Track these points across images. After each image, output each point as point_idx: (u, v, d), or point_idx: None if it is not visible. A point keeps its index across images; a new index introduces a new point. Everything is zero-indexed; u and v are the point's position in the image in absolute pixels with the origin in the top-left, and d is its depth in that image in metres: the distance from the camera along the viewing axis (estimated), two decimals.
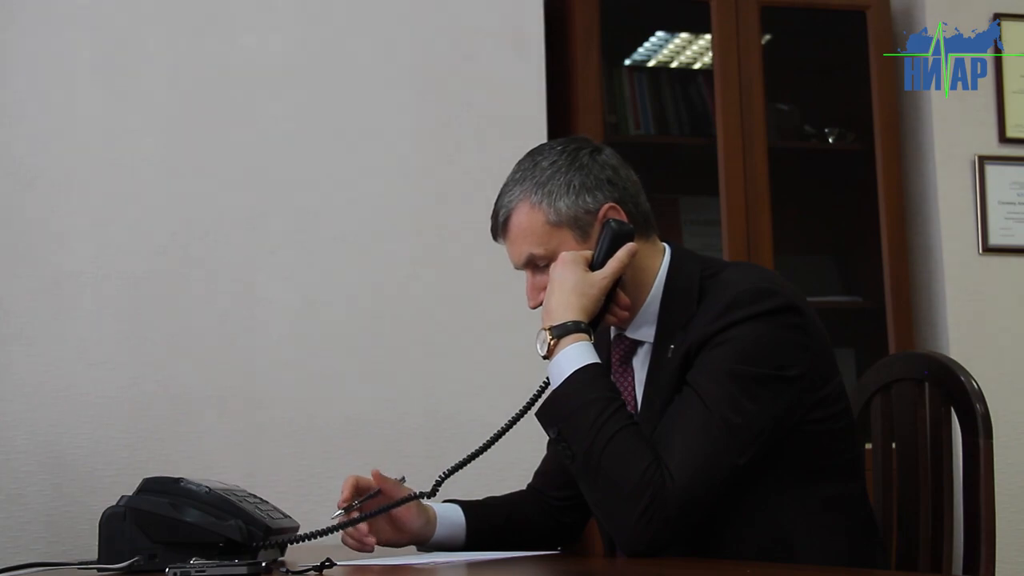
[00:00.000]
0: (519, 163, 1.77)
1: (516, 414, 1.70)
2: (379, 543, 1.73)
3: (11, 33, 2.67)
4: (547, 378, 1.66)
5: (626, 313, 1.73)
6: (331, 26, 2.86)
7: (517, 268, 1.77)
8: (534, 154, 1.77)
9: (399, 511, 1.74)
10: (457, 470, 1.68)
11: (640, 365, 1.75)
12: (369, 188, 2.83)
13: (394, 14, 2.90)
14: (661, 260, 1.76)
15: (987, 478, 1.74)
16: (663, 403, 1.64)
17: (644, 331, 1.74)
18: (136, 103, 2.72)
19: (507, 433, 1.70)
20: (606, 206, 1.71)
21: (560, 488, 1.88)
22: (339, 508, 1.69)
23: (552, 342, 1.63)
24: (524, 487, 1.96)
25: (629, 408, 1.64)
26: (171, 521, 1.50)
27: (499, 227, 1.76)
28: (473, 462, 1.69)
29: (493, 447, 1.69)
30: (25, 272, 2.61)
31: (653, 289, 1.74)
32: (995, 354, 3.15)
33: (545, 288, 1.70)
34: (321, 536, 1.61)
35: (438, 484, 1.69)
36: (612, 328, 1.79)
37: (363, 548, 1.71)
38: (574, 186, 1.71)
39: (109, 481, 2.55)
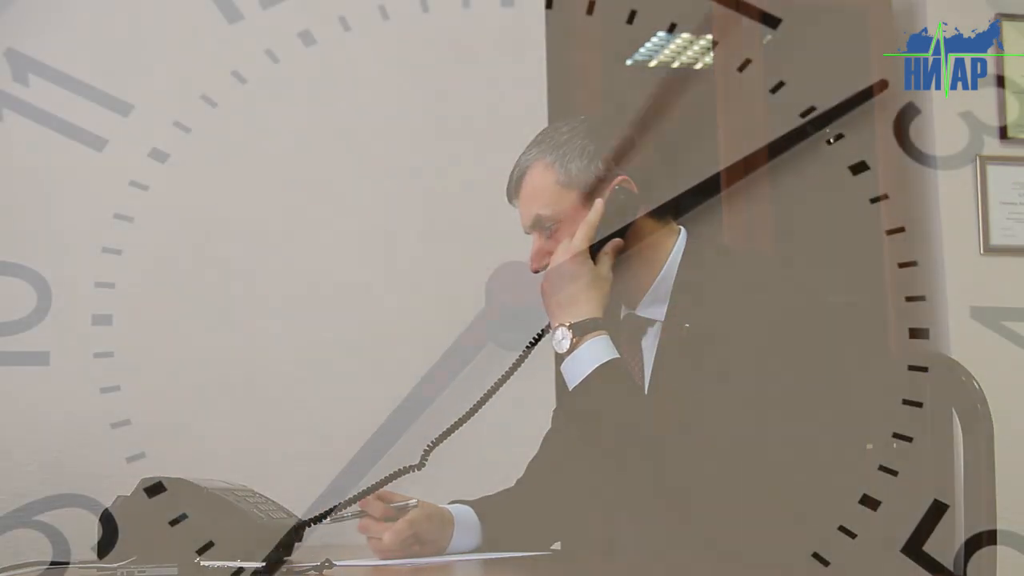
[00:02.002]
0: (542, 130, 1.79)
1: (502, 375, 1.70)
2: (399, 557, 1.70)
3: (12, 33, 2.67)
4: (538, 334, 1.67)
5: None
6: (331, 26, 2.86)
7: (526, 231, 1.77)
8: (557, 121, 1.80)
9: (419, 530, 1.72)
10: (445, 438, 1.70)
11: (648, 344, 1.75)
12: (368, 188, 2.83)
13: (393, 13, 2.90)
14: (675, 240, 1.76)
15: (987, 478, 1.74)
16: (678, 381, 1.64)
17: (654, 310, 1.74)
18: (136, 103, 2.71)
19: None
20: (620, 177, 1.72)
21: (555, 483, 1.88)
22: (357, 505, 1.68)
23: (575, 339, 1.63)
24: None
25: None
26: (170, 521, 1.50)
27: (513, 186, 1.77)
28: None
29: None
30: (25, 272, 2.61)
31: (666, 267, 1.74)
32: (995, 354, 3.15)
33: (550, 254, 1.70)
34: (327, 519, 1.59)
35: (426, 454, 1.70)
36: (622, 308, 1.80)
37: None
38: (588, 151, 1.73)
39: (109, 481, 2.54)
